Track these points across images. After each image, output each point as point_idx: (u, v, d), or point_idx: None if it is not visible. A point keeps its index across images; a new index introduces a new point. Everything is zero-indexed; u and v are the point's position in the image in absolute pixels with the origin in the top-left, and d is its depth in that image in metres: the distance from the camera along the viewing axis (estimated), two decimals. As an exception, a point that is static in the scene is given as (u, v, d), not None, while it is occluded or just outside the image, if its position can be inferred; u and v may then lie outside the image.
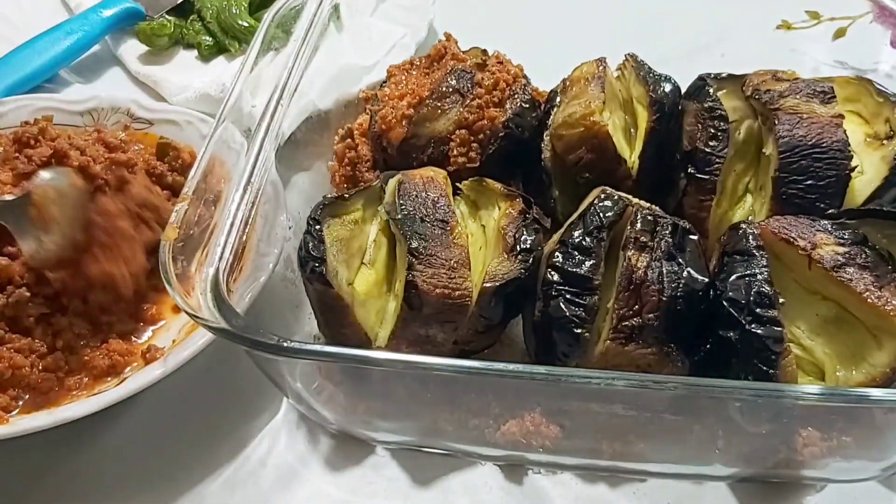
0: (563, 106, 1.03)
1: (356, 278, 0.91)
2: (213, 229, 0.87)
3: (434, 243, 0.88)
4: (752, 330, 0.80)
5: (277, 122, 0.98)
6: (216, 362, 0.99)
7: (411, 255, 0.86)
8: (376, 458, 0.94)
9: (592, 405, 0.85)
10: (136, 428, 0.96)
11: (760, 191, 0.98)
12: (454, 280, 0.86)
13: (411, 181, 0.93)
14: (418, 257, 0.86)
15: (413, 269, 0.86)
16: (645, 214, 0.87)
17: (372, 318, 0.91)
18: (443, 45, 1.11)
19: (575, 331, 0.83)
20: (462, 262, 0.88)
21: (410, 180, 0.94)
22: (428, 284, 0.85)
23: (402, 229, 0.89)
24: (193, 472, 0.93)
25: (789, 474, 0.91)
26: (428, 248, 0.87)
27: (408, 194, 0.92)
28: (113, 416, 0.94)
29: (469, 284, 0.87)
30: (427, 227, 0.89)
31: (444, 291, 0.86)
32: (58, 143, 1.05)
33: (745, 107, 1.01)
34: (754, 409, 0.82)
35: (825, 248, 0.84)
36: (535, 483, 0.92)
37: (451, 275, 0.86)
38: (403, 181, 0.93)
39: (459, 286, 0.86)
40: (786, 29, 1.38)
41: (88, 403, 0.88)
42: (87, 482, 0.92)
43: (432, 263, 0.86)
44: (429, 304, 0.86)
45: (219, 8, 1.44)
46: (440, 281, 0.86)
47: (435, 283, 0.86)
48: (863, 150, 0.98)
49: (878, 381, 0.81)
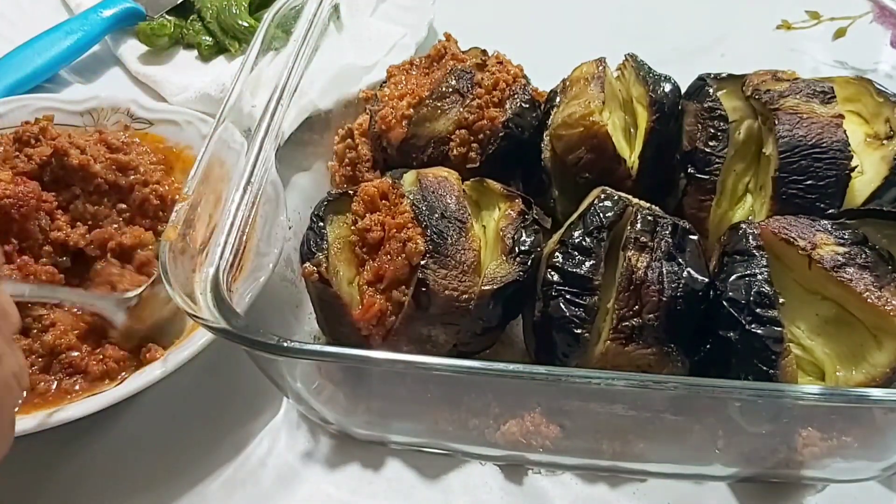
0: (563, 106, 1.03)
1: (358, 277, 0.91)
2: (212, 229, 0.87)
3: (450, 243, 0.87)
4: (752, 330, 0.80)
5: (277, 122, 0.98)
6: (216, 362, 0.98)
7: (429, 247, 0.86)
8: (376, 458, 0.94)
9: (592, 405, 0.85)
10: (136, 428, 0.96)
11: (760, 191, 0.98)
12: (464, 283, 0.86)
13: (426, 178, 0.93)
14: (434, 255, 0.86)
15: (427, 267, 0.86)
16: (645, 214, 0.87)
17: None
18: (443, 45, 1.11)
19: (575, 331, 0.83)
20: (474, 266, 0.87)
21: (425, 177, 0.93)
22: (439, 284, 0.85)
23: (422, 220, 0.88)
24: (193, 472, 0.93)
25: (789, 474, 0.91)
26: (444, 246, 0.87)
27: (427, 188, 0.91)
28: (113, 416, 0.94)
29: (477, 290, 0.87)
30: (446, 224, 0.88)
31: (453, 294, 0.85)
32: (58, 143, 1.05)
33: (744, 107, 1.01)
34: (754, 409, 0.82)
35: (825, 248, 0.84)
36: (535, 483, 0.92)
37: (461, 278, 0.86)
38: (421, 177, 0.93)
39: (468, 290, 0.86)
40: (786, 29, 1.38)
41: (88, 403, 0.88)
42: (87, 482, 0.92)
43: (446, 264, 0.86)
44: (436, 304, 0.86)
45: (219, 8, 1.44)
46: (451, 283, 0.86)
47: (446, 284, 0.86)
48: (863, 150, 0.98)
49: (878, 381, 0.81)
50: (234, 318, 0.78)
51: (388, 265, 0.87)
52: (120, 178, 1.08)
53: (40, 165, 1.04)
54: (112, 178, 1.07)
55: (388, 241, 0.88)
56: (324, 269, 0.88)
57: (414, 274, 0.86)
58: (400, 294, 0.86)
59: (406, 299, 0.86)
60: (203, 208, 0.89)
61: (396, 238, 0.87)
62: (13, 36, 1.41)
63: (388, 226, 0.89)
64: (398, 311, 0.87)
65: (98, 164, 1.06)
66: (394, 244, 0.87)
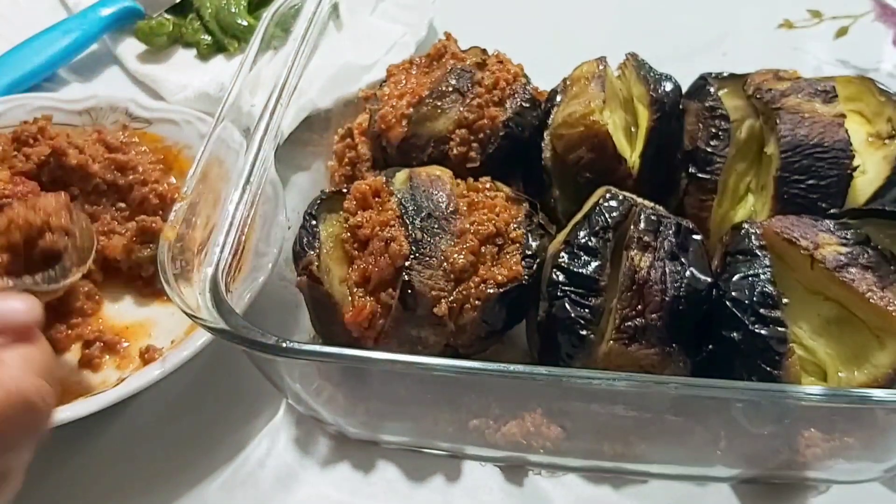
0: (564, 105, 1.02)
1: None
2: (211, 229, 0.87)
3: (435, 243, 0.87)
4: (756, 330, 0.80)
5: (276, 121, 0.98)
6: (216, 362, 0.98)
7: (413, 247, 0.86)
8: (376, 458, 0.94)
9: (594, 406, 0.85)
10: (135, 428, 0.96)
11: (762, 190, 0.97)
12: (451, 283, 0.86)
13: (418, 177, 0.93)
14: (418, 256, 0.86)
15: (412, 268, 0.85)
16: (648, 214, 0.86)
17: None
18: (443, 45, 1.11)
19: (580, 332, 0.82)
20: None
21: (417, 176, 0.93)
22: (424, 285, 0.85)
23: (406, 220, 0.88)
24: (193, 473, 0.92)
25: (792, 475, 0.91)
26: (428, 247, 0.87)
27: (418, 187, 0.91)
28: (113, 416, 0.94)
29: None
30: (432, 223, 0.88)
31: (439, 295, 0.85)
32: (56, 142, 1.05)
33: (746, 106, 1.00)
34: (757, 409, 0.81)
35: (827, 248, 0.83)
36: (535, 484, 0.92)
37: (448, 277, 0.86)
38: (412, 175, 0.93)
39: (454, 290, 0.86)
40: (787, 28, 1.38)
41: (88, 403, 0.87)
42: (87, 482, 0.92)
43: (430, 264, 0.86)
44: (423, 306, 0.85)
45: (218, 7, 1.44)
46: (437, 283, 0.85)
47: (432, 285, 0.85)
48: (865, 149, 0.97)
49: (881, 382, 0.81)
50: (232, 319, 0.78)
51: (373, 266, 0.86)
52: (119, 178, 1.08)
53: (38, 165, 1.04)
54: (111, 177, 1.07)
55: (373, 240, 0.88)
56: (315, 268, 0.87)
57: (399, 275, 0.85)
58: (388, 297, 0.86)
59: (393, 302, 0.85)
60: (202, 208, 0.88)
61: (379, 237, 0.87)
62: (11, 35, 1.40)
63: (373, 223, 0.88)
64: (387, 314, 0.86)
65: (96, 164, 1.06)
66: (376, 243, 0.87)
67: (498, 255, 0.89)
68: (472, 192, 0.95)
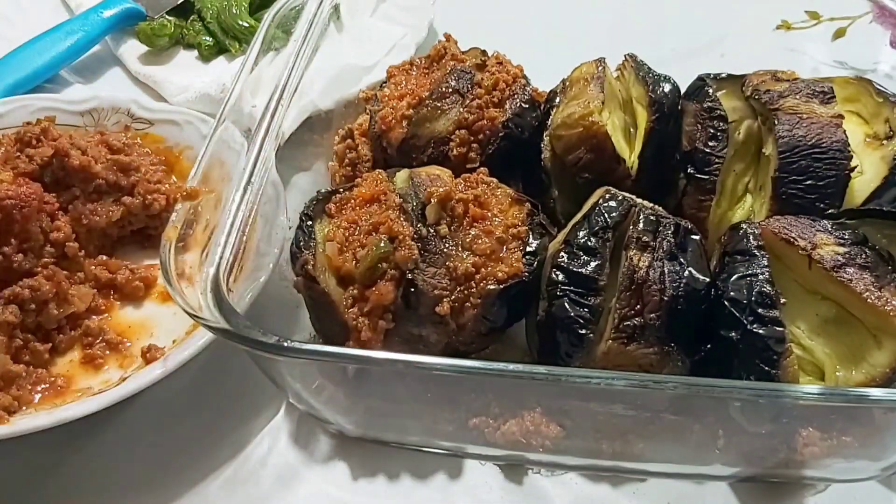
0: (563, 106, 1.03)
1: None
2: (213, 229, 0.87)
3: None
4: (754, 330, 0.80)
5: (277, 122, 0.98)
6: (217, 362, 0.99)
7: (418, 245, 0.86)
8: (376, 457, 0.94)
9: (593, 405, 0.85)
10: (136, 428, 0.96)
11: (760, 191, 0.98)
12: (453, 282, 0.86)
13: (419, 176, 0.93)
14: (422, 255, 0.86)
15: (416, 267, 0.86)
16: (647, 214, 0.87)
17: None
18: (442, 46, 1.11)
19: (579, 331, 0.83)
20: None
21: (418, 175, 0.94)
22: (427, 284, 0.85)
23: (411, 219, 0.88)
24: (193, 472, 0.93)
25: (790, 474, 0.91)
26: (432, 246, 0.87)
27: (420, 186, 0.92)
28: (113, 416, 0.94)
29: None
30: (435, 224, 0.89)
31: (442, 294, 0.85)
32: (59, 144, 1.05)
33: (744, 107, 1.01)
34: (755, 408, 0.82)
35: (825, 248, 0.84)
36: (535, 483, 0.92)
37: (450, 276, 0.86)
38: (413, 175, 0.93)
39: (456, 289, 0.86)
40: (785, 29, 1.38)
41: (88, 403, 0.88)
42: (87, 482, 0.92)
43: (434, 262, 0.86)
44: (425, 305, 0.86)
45: (219, 8, 1.44)
46: (440, 282, 0.86)
47: (434, 284, 0.86)
48: (862, 150, 0.98)
49: (878, 381, 0.81)
50: (234, 318, 0.78)
51: (374, 293, 0.85)
52: (121, 179, 1.08)
53: (41, 166, 1.04)
54: (113, 178, 1.07)
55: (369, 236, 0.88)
56: (311, 268, 0.88)
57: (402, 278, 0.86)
58: (385, 323, 0.86)
59: (390, 326, 0.85)
60: (203, 208, 0.89)
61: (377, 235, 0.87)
62: (14, 36, 1.41)
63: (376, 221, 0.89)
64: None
65: (99, 165, 1.06)
66: (371, 240, 0.87)
67: (499, 253, 0.90)
68: (470, 189, 0.95)
